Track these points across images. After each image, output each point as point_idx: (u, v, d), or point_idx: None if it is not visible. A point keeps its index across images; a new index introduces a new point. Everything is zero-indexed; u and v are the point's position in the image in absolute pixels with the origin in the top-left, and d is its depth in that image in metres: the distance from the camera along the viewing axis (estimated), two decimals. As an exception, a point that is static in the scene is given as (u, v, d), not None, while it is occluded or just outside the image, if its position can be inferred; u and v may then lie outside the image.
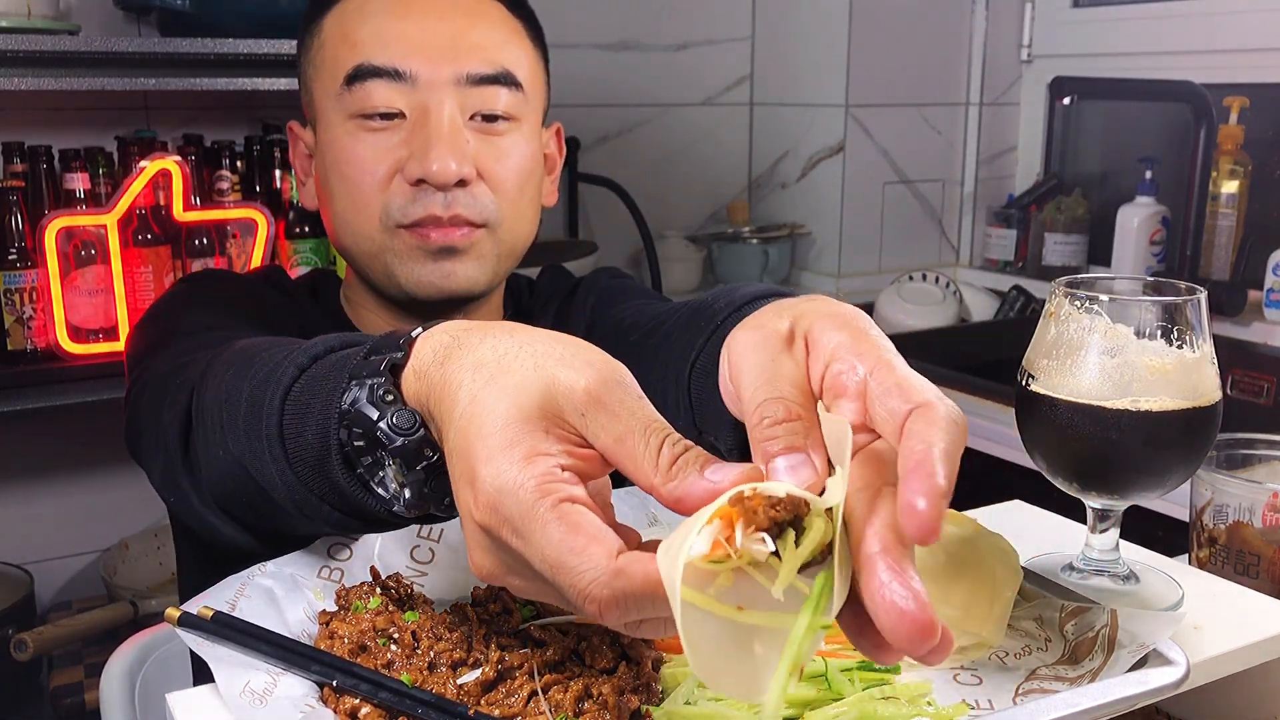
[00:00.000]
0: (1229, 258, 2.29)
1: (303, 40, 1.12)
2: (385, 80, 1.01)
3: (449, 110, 1.02)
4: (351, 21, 1.04)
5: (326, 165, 1.07)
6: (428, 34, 1.02)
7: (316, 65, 1.08)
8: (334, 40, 1.05)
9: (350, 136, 1.03)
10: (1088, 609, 0.71)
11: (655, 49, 2.77)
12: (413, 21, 1.02)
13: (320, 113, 1.07)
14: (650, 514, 0.87)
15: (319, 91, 1.07)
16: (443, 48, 1.02)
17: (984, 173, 2.89)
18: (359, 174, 1.03)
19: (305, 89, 1.12)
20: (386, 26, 1.02)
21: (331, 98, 1.05)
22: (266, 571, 0.74)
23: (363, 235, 1.05)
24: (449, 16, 1.04)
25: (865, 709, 0.62)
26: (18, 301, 1.87)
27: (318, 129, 1.09)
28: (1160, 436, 0.73)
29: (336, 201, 1.06)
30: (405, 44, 1.02)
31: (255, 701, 0.63)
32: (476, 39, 1.04)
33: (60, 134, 2.06)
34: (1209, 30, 2.38)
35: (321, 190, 1.10)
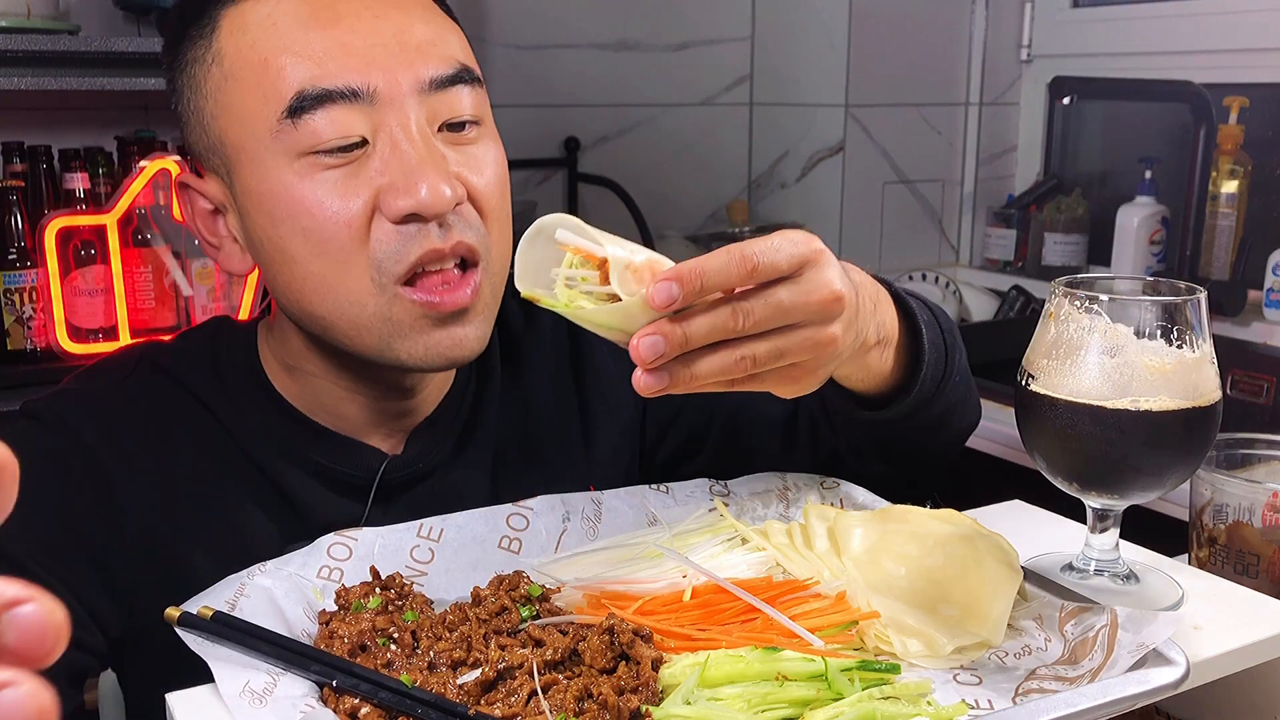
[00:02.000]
0: (1229, 258, 2.29)
1: (179, 66, 0.89)
2: (339, 105, 0.82)
3: (416, 124, 0.84)
4: (265, 39, 0.84)
5: (272, 221, 0.85)
6: (370, 38, 0.84)
7: (222, 100, 0.86)
8: (247, 66, 0.84)
9: (305, 180, 0.83)
10: (1088, 609, 0.71)
11: (655, 49, 2.77)
12: (345, 27, 0.84)
13: (245, 156, 0.85)
14: (650, 514, 0.87)
15: (238, 131, 0.85)
16: (392, 52, 0.84)
17: (984, 173, 2.89)
18: (330, 226, 0.83)
19: (198, 128, 0.89)
20: (316, 38, 0.83)
21: (264, 136, 0.83)
22: (266, 571, 0.74)
23: (350, 302, 0.85)
24: (382, 13, 0.86)
25: (865, 709, 0.62)
26: (18, 301, 1.87)
27: (238, 177, 0.86)
28: (1160, 436, 0.73)
29: (299, 265, 0.85)
30: (349, 55, 0.83)
31: (255, 701, 0.63)
32: (421, 35, 0.86)
33: (60, 134, 2.06)
34: (1209, 30, 2.38)
35: (265, 252, 0.87)
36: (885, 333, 0.87)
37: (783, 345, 0.71)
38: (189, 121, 0.89)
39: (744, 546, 0.83)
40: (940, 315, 0.98)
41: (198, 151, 0.90)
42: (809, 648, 0.69)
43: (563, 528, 0.84)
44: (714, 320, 0.68)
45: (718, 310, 0.68)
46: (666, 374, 0.68)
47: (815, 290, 0.71)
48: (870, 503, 0.89)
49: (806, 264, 0.71)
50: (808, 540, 0.81)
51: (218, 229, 0.91)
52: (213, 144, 0.88)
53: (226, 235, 0.91)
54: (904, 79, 2.76)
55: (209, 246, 0.93)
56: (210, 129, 0.87)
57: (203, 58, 0.87)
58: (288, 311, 0.90)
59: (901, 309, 0.91)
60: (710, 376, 0.70)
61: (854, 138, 2.74)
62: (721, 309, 0.68)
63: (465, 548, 0.81)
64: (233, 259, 0.92)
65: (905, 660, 0.70)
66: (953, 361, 0.95)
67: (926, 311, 0.95)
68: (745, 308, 0.69)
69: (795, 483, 0.92)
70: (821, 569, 0.78)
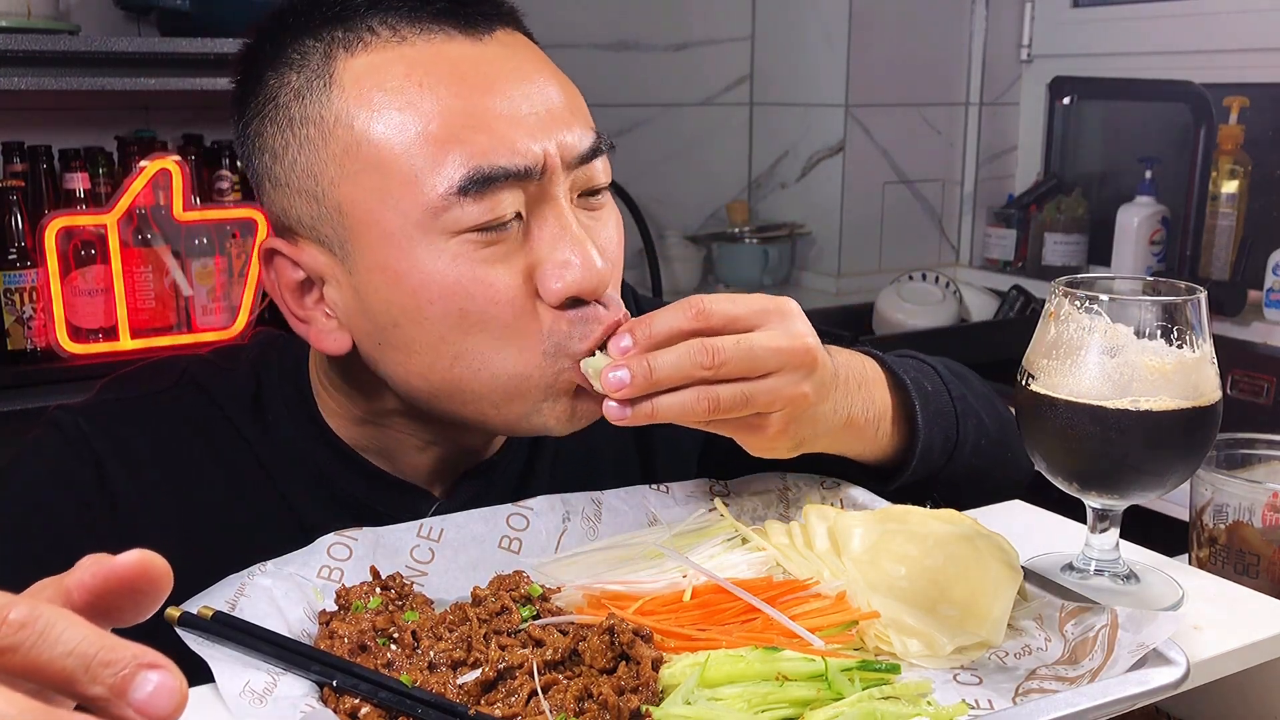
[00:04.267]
0: (1229, 258, 2.30)
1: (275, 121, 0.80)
2: (510, 185, 0.76)
3: (566, 198, 0.79)
4: (415, 106, 0.76)
5: (417, 303, 0.77)
6: (524, 107, 0.78)
7: (351, 167, 0.77)
8: (394, 134, 0.76)
9: (462, 260, 0.76)
10: (1088, 609, 0.71)
11: (655, 49, 2.77)
12: (499, 94, 0.77)
13: (378, 231, 0.77)
14: (650, 514, 0.87)
15: (372, 204, 0.77)
16: (546, 124, 0.78)
17: (984, 173, 2.89)
18: (493, 308, 0.77)
19: (304, 194, 0.80)
20: (477, 108, 0.76)
21: (413, 212, 0.76)
22: (266, 571, 0.74)
23: (512, 375, 0.79)
24: (527, 76, 0.79)
25: (865, 709, 0.62)
26: (18, 301, 1.87)
27: (363, 251, 0.78)
28: (1160, 436, 0.73)
29: (449, 344, 0.78)
30: (515, 129, 0.76)
31: (255, 701, 0.63)
32: (563, 101, 0.80)
33: (60, 134, 2.06)
34: (1209, 30, 2.38)
35: (400, 332, 0.79)
36: (876, 410, 0.88)
37: (749, 391, 0.72)
38: (288, 185, 0.80)
39: (744, 546, 0.83)
40: (952, 380, 0.97)
41: (296, 218, 0.81)
42: (809, 648, 0.69)
43: (563, 528, 0.84)
44: (680, 356, 0.70)
45: (687, 345, 0.71)
46: (629, 406, 0.71)
47: (785, 339, 0.73)
48: (870, 503, 0.89)
49: (774, 315, 0.74)
50: (808, 540, 0.81)
51: (305, 301, 0.83)
52: (325, 213, 0.79)
53: (316, 307, 0.83)
54: (904, 79, 2.76)
55: (295, 320, 0.84)
56: (326, 197, 0.78)
57: (319, 117, 0.78)
58: (417, 392, 0.82)
59: (898, 385, 0.91)
60: (671, 412, 0.71)
61: (854, 138, 2.74)
62: (691, 344, 0.70)
63: (465, 548, 0.81)
64: (325, 337, 0.83)
65: (905, 660, 0.70)
66: (964, 430, 0.94)
67: (933, 379, 0.95)
68: (714, 344, 0.71)
69: (795, 483, 0.92)
70: (821, 569, 0.78)
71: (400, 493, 0.91)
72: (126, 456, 0.86)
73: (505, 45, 0.81)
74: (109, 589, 0.41)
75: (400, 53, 0.77)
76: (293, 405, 0.91)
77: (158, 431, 0.88)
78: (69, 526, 0.84)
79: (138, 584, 0.41)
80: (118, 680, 0.37)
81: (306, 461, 0.90)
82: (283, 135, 0.80)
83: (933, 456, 0.92)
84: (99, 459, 0.85)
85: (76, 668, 0.37)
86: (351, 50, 0.78)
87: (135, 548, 0.83)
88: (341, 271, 0.81)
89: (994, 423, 0.99)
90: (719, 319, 0.73)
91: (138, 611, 0.42)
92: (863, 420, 0.86)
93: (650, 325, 0.72)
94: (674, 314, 0.72)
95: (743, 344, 0.72)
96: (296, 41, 0.80)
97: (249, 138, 0.83)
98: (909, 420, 0.91)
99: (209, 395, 0.90)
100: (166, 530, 0.85)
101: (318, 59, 0.79)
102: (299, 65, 0.79)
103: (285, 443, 0.89)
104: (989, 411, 0.99)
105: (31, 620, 0.37)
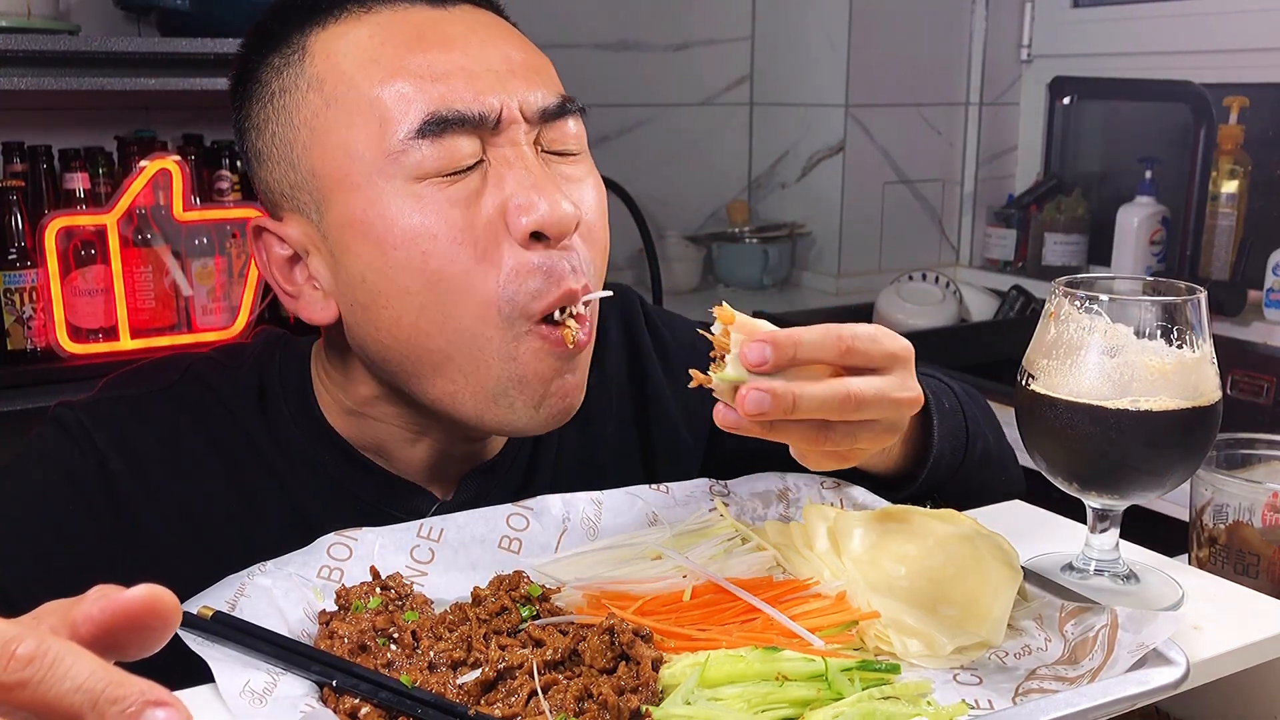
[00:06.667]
0: (1229, 258, 2.30)
1: (259, 98, 0.85)
2: (464, 129, 0.79)
3: (529, 148, 0.82)
4: (377, 62, 0.80)
5: (382, 250, 0.80)
6: (483, 64, 0.81)
7: (319, 127, 0.81)
8: (355, 89, 0.80)
9: (424, 203, 0.79)
10: (1088, 609, 0.71)
11: (655, 49, 2.77)
12: (459, 50, 0.81)
13: (347, 185, 0.80)
14: (650, 514, 0.87)
15: (339, 159, 0.80)
16: (505, 78, 0.82)
17: (984, 173, 2.89)
18: (454, 248, 0.79)
19: (283, 163, 0.84)
20: (436, 60, 0.80)
21: (376, 160, 0.79)
22: (266, 571, 0.74)
23: (472, 334, 0.81)
24: (488, 38, 0.83)
25: (865, 709, 0.62)
26: (18, 301, 1.87)
27: (334, 209, 0.82)
28: (1160, 436, 0.73)
29: (413, 295, 0.80)
30: (472, 79, 0.80)
31: (255, 701, 0.63)
32: (528, 62, 0.84)
33: (60, 134, 2.06)
34: (1209, 30, 2.38)
35: (369, 287, 0.81)
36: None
37: (858, 433, 0.73)
38: (270, 157, 0.84)
39: (744, 546, 0.83)
40: (967, 400, 0.99)
41: (279, 190, 0.85)
42: (809, 648, 0.69)
43: (563, 528, 0.84)
44: (826, 398, 0.69)
45: (834, 390, 0.69)
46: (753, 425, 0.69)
47: (905, 391, 0.73)
48: (870, 503, 0.89)
49: (897, 361, 0.73)
50: (808, 540, 0.81)
51: (294, 276, 0.86)
52: (301, 179, 0.83)
53: (305, 282, 0.86)
54: (904, 79, 2.76)
55: (286, 296, 0.87)
56: (301, 162, 0.82)
57: (293, 86, 0.82)
58: (389, 357, 0.84)
59: None
60: (782, 437, 0.72)
61: (854, 138, 2.74)
62: (837, 387, 0.69)
63: (465, 548, 0.81)
64: (313, 306, 0.86)
65: (905, 660, 0.70)
66: (973, 450, 0.95)
67: (951, 397, 0.96)
68: (858, 395, 0.70)
69: (795, 483, 0.92)
70: (821, 569, 0.78)
71: (403, 493, 0.91)
72: (129, 452, 0.86)
73: (469, 13, 0.85)
74: (116, 624, 0.41)
75: (366, 20, 0.83)
76: (295, 404, 0.91)
77: (161, 427, 0.88)
78: (73, 520, 0.84)
79: (145, 619, 0.41)
80: (124, 717, 0.37)
81: (310, 460, 0.90)
82: (264, 110, 0.85)
83: (940, 471, 0.93)
84: (102, 454, 0.85)
85: (84, 704, 0.37)
86: (323, 25, 0.83)
87: (138, 543, 0.84)
88: (319, 238, 0.84)
89: (997, 446, 1.02)
90: (859, 359, 0.71)
91: (144, 646, 0.41)
92: None
93: (796, 349, 0.69)
94: (822, 344, 0.70)
95: (880, 396, 0.71)
96: (282, 33, 0.85)
97: (241, 121, 0.88)
98: (925, 434, 0.93)
99: (215, 393, 0.90)
100: (169, 525, 0.85)
101: (296, 36, 0.84)
102: (281, 49, 0.85)
103: (289, 441, 0.90)
104: (995, 434, 1.02)
105: (39, 655, 0.37)
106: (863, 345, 0.71)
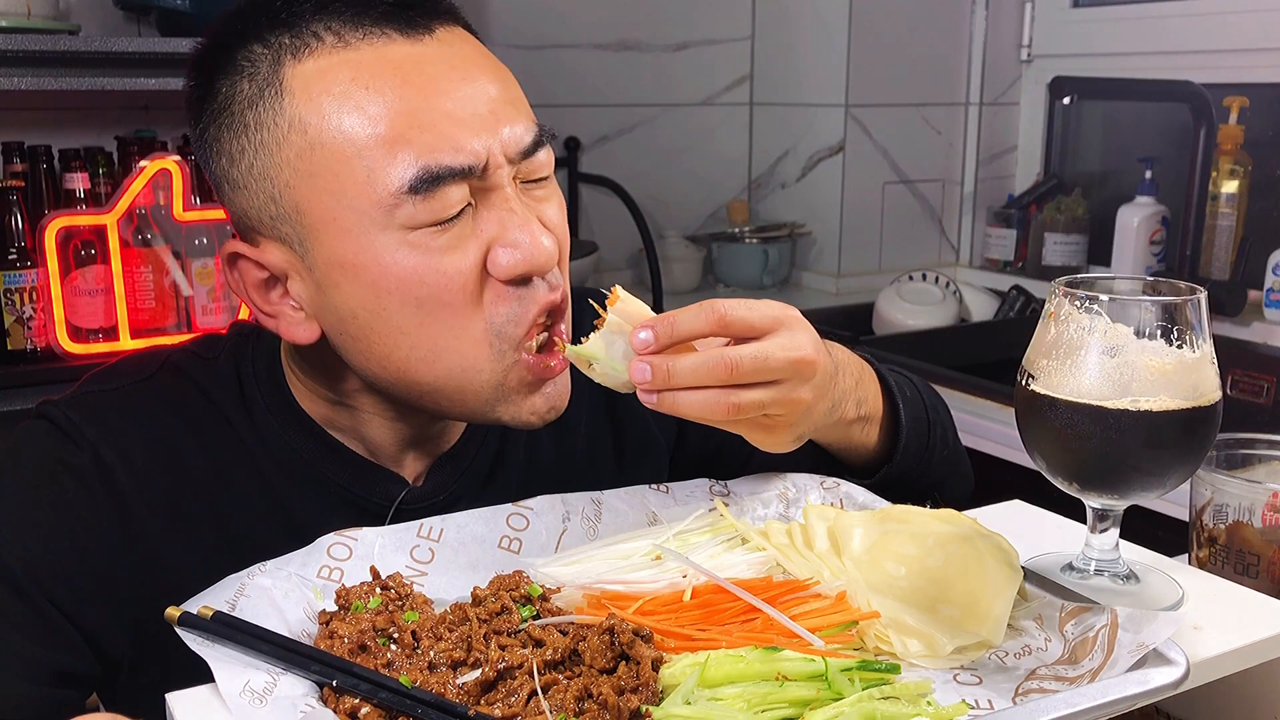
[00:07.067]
0: (1229, 258, 2.29)
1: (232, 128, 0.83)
2: (457, 181, 0.80)
3: (510, 186, 0.84)
4: (362, 109, 0.79)
5: (376, 294, 0.81)
6: (468, 106, 0.81)
7: (304, 169, 0.81)
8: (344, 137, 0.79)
9: (417, 251, 0.80)
10: (1088, 609, 0.71)
11: (655, 49, 2.77)
12: (442, 94, 0.81)
13: (336, 228, 0.81)
14: (650, 514, 0.87)
15: (328, 203, 0.80)
16: (489, 123, 0.82)
17: (984, 173, 2.89)
18: (445, 293, 0.81)
19: (263, 195, 0.83)
20: (422, 109, 0.80)
21: (368, 209, 0.80)
22: (266, 571, 0.74)
23: (464, 369, 0.84)
24: (468, 74, 0.83)
25: (865, 709, 0.62)
26: (18, 301, 1.87)
27: (321, 247, 0.82)
28: (1160, 436, 0.73)
29: (407, 335, 0.83)
30: (460, 128, 0.80)
31: (255, 701, 0.63)
32: (504, 97, 0.85)
33: (60, 134, 2.06)
34: (1209, 30, 2.38)
35: (359, 324, 0.83)
36: (868, 409, 0.96)
37: (763, 399, 0.78)
38: (247, 188, 0.84)
39: (744, 546, 0.83)
40: (925, 391, 1.06)
41: (257, 218, 0.84)
42: (809, 648, 0.69)
43: (563, 528, 0.84)
44: (700, 364, 0.76)
45: (708, 356, 0.77)
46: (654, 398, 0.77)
47: (794, 350, 0.79)
48: (870, 503, 0.89)
49: (781, 325, 0.79)
50: (808, 540, 0.81)
51: (270, 297, 0.87)
52: (284, 213, 0.83)
53: (282, 301, 0.87)
54: (904, 79, 2.76)
55: (264, 316, 0.88)
56: (283, 198, 0.82)
57: (271, 123, 0.81)
58: (377, 379, 0.86)
59: (884, 388, 0.99)
60: (693, 410, 0.77)
61: (854, 138, 2.74)
62: (712, 355, 0.77)
63: (465, 548, 0.81)
64: (294, 327, 0.86)
65: (905, 660, 0.70)
66: (934, 438, 1.02)
67: (911, 387, 1.03)
68: (733, 357, 0.77)
69: (795, 483, 0.92)
70: (821, 569, 0.78)
71: (375, 478, 0.93)
72: (118, 443, 0.87)
73: (444, 43, 0.84)
74: None
75: (344, 57, 0.81)
76: (269, 393, 0.93)
77: (145, 419, 0.89)
78: (74, 505, 0.85)
79: None
80: None
81: (286, 448, 0.92)
82: (238, 140, 0.83)
83: (910, 458, 0.99)
84: (94, 446, 0.87)
85: None
86: (298, 57, 0.81)
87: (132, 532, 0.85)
88: (303, 267, 0.85)
89: (953, 435, 1.08)
90: (737, 326, 0.78)
91: None
92: (854, 417, 0.94)
93: (673, 326, 0.76)
94: (696, 318, 0.77)
95: (759, 357, 0.77)
96: (244, 48, 0.83)
97: (206, 142, 0.87)
98: (893, 419, 0.98)
99: (195, 384, 0.92)
100: (155, 514, 0.87)
101: (266, 67, 0.82)
102: (249, 73, 0.82)
103: (265, 429, 0.92)
104: (949, 425, 1.08)
105: None
106: (737, 313, 0.77)
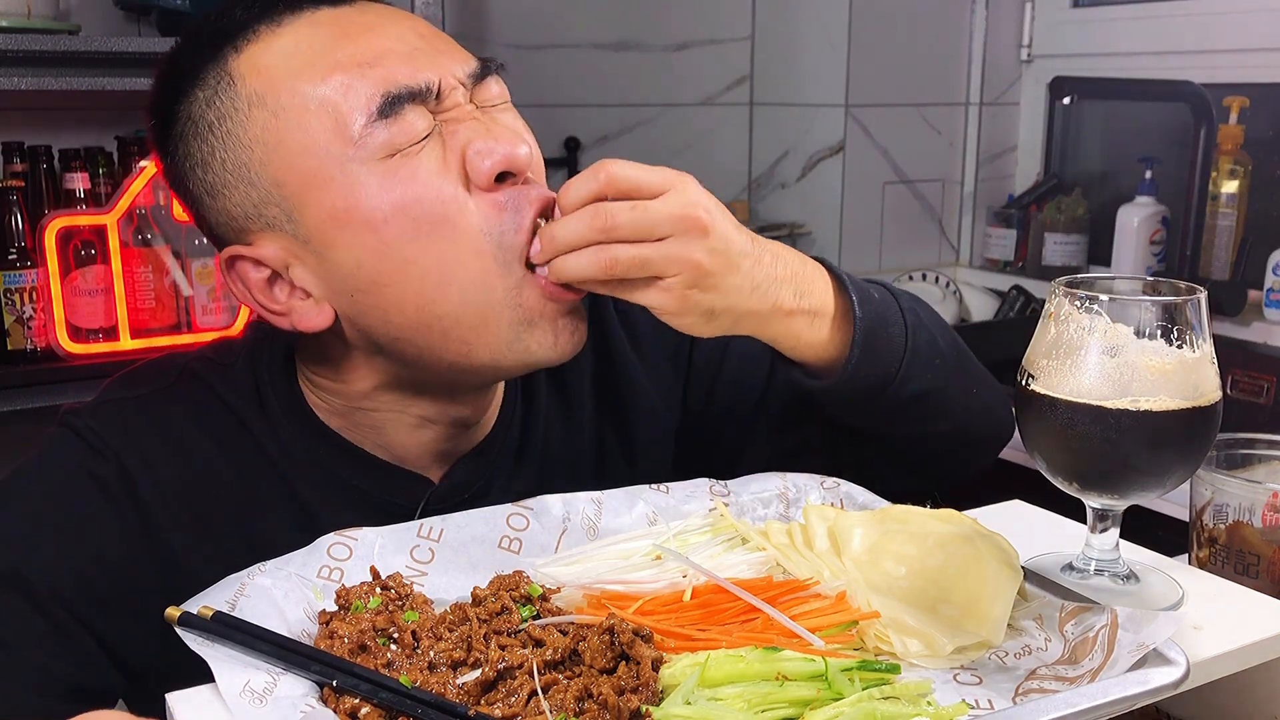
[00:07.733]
0: (1229, 258, 2.30)
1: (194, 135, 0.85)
2: (416, 102, 0.82)
3: (466, 105, 0.86)
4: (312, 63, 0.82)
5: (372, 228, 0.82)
6: (406, 44, 0.85)
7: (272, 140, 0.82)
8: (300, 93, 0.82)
9: (398, 173, 0.82)
10: (1088, 609, 0.71)
11: (655, 49, 2.77)
12: (379, 34, 0.84)
13: (318, 182, 0.82)
14: (650, 514, 0.87)
15: (302, 162, 0.82)
16: (429, 54, 0.85)
17: (984, 173, 2.89)
18: (439, 204, 0.82)
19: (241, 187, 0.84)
20: (365, 48, 0.83)
21: (342, 151, 0.81)
22: (266, 571, 0.74)
23: (477, 287, 0.83)
24: (398, 20, 0.87)
25: (865, 709, 0.62)
26: (18, 301, 1.87)
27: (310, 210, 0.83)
28: (1160, 436, 0.73)
29: (414, 263, 0.82)
30: (404, 59, 0.83)
31: (255, 701, 0.63)
32: (439, 36, 0.89)
33: (60, 134, 2.06)
34: (1209, 30, 2.38)
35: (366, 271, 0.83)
36: (813, 303, 0.90)
37: (646, 254, 0.80)
38: (224, 185, 0.85)
39: (744, 546, 0.83)
40: (904, 298, 0.99)
41: (242, 215, 0.85)
42: (809, 648, 0.69)
43: (563, 528, 0.84)
44: (577, 221, 0.80)
45: (584, 211, 0.80)
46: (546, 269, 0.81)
47: (679, 205, 0.81)
48: (870, 503, 0.89)
49: (672, 187, 0.81)
50: (808, 540, 0.81)
51: (276, 295, 0.87)
52: (264, 194, 0.84)
53: (290, 296, 0.87)
54: (904, 79, 2.76)
55: (274, 316, 0.88)
56: (260, 178, 0.83)
57: (231, 111, 0.83)
58: (400, 334, 0.85)
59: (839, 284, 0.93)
60: (573, 271, 0.81)
61: (854, 138, 2.74)
62: (587, 209, 0.80)
63: (465, 547, 0.81)
64: (306, 316, 0.86)
65: (905, 660, 0.70)
66: (917, 341, 0.95)
67: (884, 291, 0.97)
68: (609, 209, 0.80)
69: (795, 483, 0.92)
70: (821, 569, 0.78)
71: (394, 476, 0.93)
72: (140, 453, 0.88)
73: (369, 8, 0.89)
74: None
75: (281, 33, 0.85)
76: (285, 399, 0.93)
77: (167, 428, 0.90)
78: (97, 516, 0.86)
79: None
80: None
81: (306, 452, 0.92)
82: (206, 143, 0.85)
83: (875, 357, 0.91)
84: (119, 455, 0.87)
85: None
86: (239, 49, 0.85)
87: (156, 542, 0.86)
88: (299, 246, 0.85)
89: (950, 348, 1.00)
90: (625, 184, 0.81)
91: None
92: (793, 308, 0.89)
93: (567, 190, 0.81)
94: (584, 179, 0.81)
95: (637, 209, 0.80)
96: (193, 69, 0.86)
97: (178, 163, 0.88)
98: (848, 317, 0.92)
99: (215, 391, 0.92)
100: (181, 524, 0.87)
101: (213, 68, 0.85)
102: (200, 82, 0.85)
103: (284, 434, 0.92)
104: (946, 338, 1.00)
105: None
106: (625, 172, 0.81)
